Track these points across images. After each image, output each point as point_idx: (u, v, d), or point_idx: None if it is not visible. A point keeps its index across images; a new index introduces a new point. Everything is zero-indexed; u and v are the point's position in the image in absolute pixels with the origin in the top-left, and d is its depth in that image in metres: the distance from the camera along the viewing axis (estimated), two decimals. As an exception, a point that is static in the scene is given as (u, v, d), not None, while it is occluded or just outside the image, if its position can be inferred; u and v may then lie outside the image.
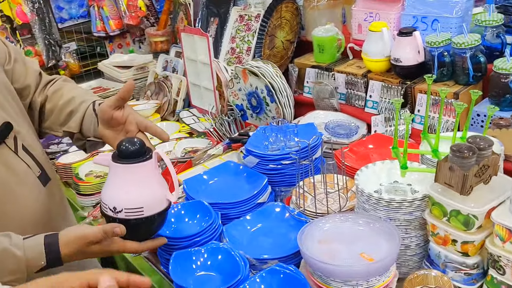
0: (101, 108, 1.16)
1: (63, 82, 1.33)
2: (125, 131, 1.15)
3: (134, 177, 0.99)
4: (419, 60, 1.61)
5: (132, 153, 0.99)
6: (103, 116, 1.15)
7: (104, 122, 1.16)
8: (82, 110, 1.22)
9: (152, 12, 2.98)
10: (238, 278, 1.04)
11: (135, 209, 0.98)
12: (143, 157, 0.99)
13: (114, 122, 1.15)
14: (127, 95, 1.14)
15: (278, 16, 2.11)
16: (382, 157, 1.37)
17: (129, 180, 0.99)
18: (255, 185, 1.36)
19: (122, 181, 0.99)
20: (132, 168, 0.99)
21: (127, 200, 0.98)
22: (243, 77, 1.97)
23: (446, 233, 1.05)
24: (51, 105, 1.27)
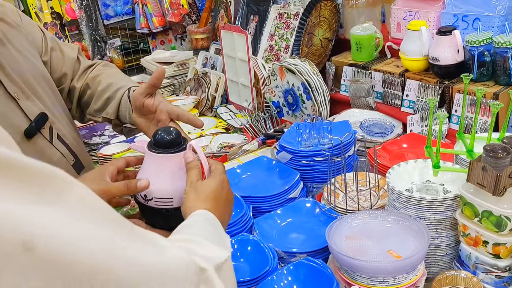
0: (133, 95, 1.17)
1: (102, 68, 1.35)
2: (157, 120, 1.15)
3: (166, 167, 0.98)
4: (458, 60, 1.59)
5: (166, 143, 0.98)
6: (135, 103, 1.15)
7: (136, 110, 1.16)
8: (118, 96, 1.23)
9: (194, 10, 3.04)
10: (267, 269, 1.07)
11: (165, 199, 0.98)
12: (177, 148, 0.99)
13: (146, 110, 1.15)
14: (157, 82, 1.13)
15: (317, 14, 2.12)
16: (416, 156, 1.36)
17: (161, 170, 0.98)
18: (287, 181, 1.38)
19: (154, 170, 0.99)
20: (165, 158, 0.98)
21: (157, 189, 0.98)
22: (280, 74, 1.99)
23: (478, 234, 1.04)
24: (91, 91, 1.30)
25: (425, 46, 1.65)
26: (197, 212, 0.82)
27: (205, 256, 0.67)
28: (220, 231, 0.81)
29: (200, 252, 0.67)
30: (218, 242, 0.74)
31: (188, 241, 0.71)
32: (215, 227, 0.81)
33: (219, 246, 0.73)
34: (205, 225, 0.79)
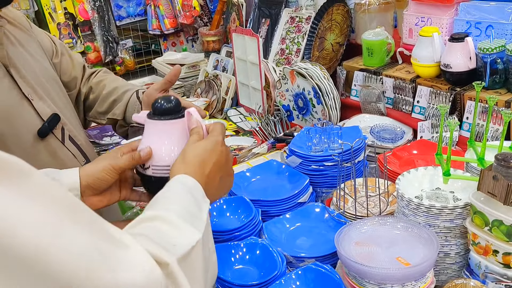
0: (147, 92, 1.21)
1: (104, 74, 1.43)
2: None
3: (163, 134, 0.94)
4: (470, 67, 1.58)
5: (164, 111, 0.94)
6: (148, 100, 1.19)
7: (148, 107, 1.16)
8: (125, 98, 1.31)
9: (206, 12, 3.06)
10: (275, 274, 1.07)
11: (161, 166, 0.94)
12: (174, 115, 0.94)
13: None
14: (174, 79, 1.18)
15: (329, 18, 2.12)
16: (426, 163, 1.35)
17: (158, 137, 0.94)
18: (297, 185, 1.38)
19: (151, 137, 0.95)
20: (162, 125, 0.94)
21: (154, 156, 0.94)
22: (291, 78, 2.00)
23: (487, 243, 1.04)
24: (95, 95, 1.37)
25: (437, 53, 1.65)
26: (177, 178, 0.80)
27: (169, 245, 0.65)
28: (199, 201, 0.78)
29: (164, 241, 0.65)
30: (191, 219, 0.72)
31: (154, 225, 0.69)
32: (194, 196, 0.78)
33: (191, 226, 0.71)
34: (182, 196, 0.76)
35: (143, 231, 0.68)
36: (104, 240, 0.55)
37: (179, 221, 0.70)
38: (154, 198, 0.76)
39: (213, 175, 0.85)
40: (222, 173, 0.89)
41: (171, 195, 0.77)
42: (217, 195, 0.90)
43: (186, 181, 0.80)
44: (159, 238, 0.66)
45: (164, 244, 0.65)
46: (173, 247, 0.65)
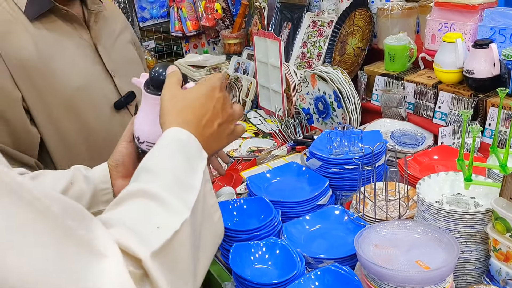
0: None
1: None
2: None
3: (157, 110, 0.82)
4: (494, 73, 1.57)
5: (160, 83, 0.84)
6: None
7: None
8: None
9: (228, 15, 3.09)
10: (294, 274, 1.08)
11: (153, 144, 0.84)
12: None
13: None
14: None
15: (351, 23, 2.13)
16: (447, 169, 1.35)
17: (152, 112, 0.85)
18: (317, 187, 1.39)
19: (146, 111, 0.88)
20: (156, 100, 0.84)
21: (149, 132, 0.88)
22: (312, 82, 2.01)
23: (509, 250, 1.03)
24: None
25: (460, 59, 1.64)
26: (168, 133, 0.70)
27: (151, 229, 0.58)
28: (193, 160, 0.69)
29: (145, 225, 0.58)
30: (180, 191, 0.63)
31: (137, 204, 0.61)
32: (187, 155, 0.69)
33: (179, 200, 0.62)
34: (172, 161, 0.67)
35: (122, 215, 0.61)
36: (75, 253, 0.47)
37: (165, 195, 0.62)
38: (141, 164, 0.68)
39: (210, 123, 0.75)
40: (220, 119, 0.78)
41: (160, 160, 0.68)
42: (216, 145, 0.78)
43: (179, 136, 0.70)
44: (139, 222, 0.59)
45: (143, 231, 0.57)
46: (156, 230, 0.58)
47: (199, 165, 0.69)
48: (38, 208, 0.44)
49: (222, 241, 1.27)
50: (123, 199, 0.63)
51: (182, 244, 0.60)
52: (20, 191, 0.44)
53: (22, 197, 0.43)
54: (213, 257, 0.71)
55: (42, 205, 0.45)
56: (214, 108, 0.77)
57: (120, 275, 0.49)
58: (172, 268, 0.57)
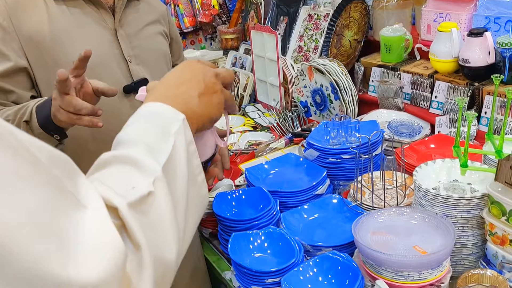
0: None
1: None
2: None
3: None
4: (489, 62, 1.58)
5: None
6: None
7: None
8: None
9: (224, 11, 3.09)
10: (293, 261, 1.09)
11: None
12: None
13: None
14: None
15: (347, 15, 2.14)
16: (444, 157, 1.36)
17: None
18: (314, 177, 1.40)
19: None
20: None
21: None
22: (309, 74, 2.02)
23: (505, 233, 1.04)
24: None
25: (455, 48, 1.65)
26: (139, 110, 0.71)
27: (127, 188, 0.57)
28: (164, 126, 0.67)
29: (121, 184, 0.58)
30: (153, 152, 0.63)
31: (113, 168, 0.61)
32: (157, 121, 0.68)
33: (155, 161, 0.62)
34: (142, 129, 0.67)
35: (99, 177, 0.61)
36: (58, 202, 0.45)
37: (138, 157, 0.62)
38: (116, 138, 0.68)
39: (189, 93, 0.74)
40: (200, 89, 0.76)
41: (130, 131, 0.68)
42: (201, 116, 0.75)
43: (149, 109, 0.70)
44: (115, 182, 0.59)
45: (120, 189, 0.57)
46: (132, 190, 0.58)
47: (172, 127, 0.68)
48: (23, 154, 0.43)
49: (221, 231, 1.29)
50: (97, 167, 0.63)
51: (159, 204, 0.59)
52: (8, 137, 0.42)
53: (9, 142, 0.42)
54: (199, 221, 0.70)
55: (28, 152, 0.43)
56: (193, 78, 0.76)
57: (103, 226, 0.49)
58: (151, 224, 0.57)
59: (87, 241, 0.46)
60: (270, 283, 1.09)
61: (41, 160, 0.44)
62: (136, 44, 1.41)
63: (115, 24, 1.37)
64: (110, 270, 0.46)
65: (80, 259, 0.44)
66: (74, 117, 1.07)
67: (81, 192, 0.49)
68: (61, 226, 0.44)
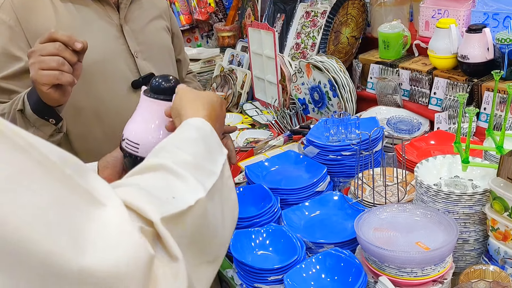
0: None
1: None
2: None
3: (145, 111, 0.95)
4: (488, 58, 1.58)
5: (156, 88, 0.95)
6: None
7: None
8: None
9: (221, 8, 3.08)
10: (295, 259, 1.09)
11: (132, 142, 0.94)
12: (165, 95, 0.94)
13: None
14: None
15: (344, 12, 2.13)
16: (443, 154, 1.36)
17: (140, 112, 0.96)
18: (315, 174, 1.40)
19: (138, 111, 0.98)
20: (147, 101, 0.95)
21: (129, 129, 0.96)
22: (307, 72, 2.01)
23: (507, 229, 1.04)
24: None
25: (454, 44, 1.65)
26: (193, 123, 0.72)
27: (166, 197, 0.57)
28: (213, 152, 0.70)
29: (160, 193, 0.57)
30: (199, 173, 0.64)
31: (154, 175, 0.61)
32: (208, 145, 0.70)
33: (197, 181, 0.62)
34: (194, 144, 0.68)
35: (138, 181, 0.61)
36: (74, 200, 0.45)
37: (184, 172, 0.62)
38: (162, 143, 0.69)
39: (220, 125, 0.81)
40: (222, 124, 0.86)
41: (182, 141, 0.68)
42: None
43: (202, 126, 0.72)
44: (155, 189, 0.58)
45: (157, 197, 0.57)
46: (172, 199, 0.57)
47: (220, 158, 0.70)
48: (34, 155, 0.43)
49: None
50: (140, 170, 0.63)
51: (196, 222, 0.59)
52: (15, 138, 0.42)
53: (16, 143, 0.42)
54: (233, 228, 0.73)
55: (39, 153, 0.43)
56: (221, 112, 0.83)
57: (120, 224, 0.48)
58: (185, 240, 0.57)
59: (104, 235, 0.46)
60: (273, 281, 1.08)
61: (52, 160, 0.44)
62: (142, 40, 1.42)
63: (121, 20, 1.38)
64: (129, 264, 0.46)
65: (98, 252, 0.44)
66: (57, 73, 1.02)
67: (96, 190, 0.49)
68: (77, 220, 0.44)
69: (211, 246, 0.63)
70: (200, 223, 0.60)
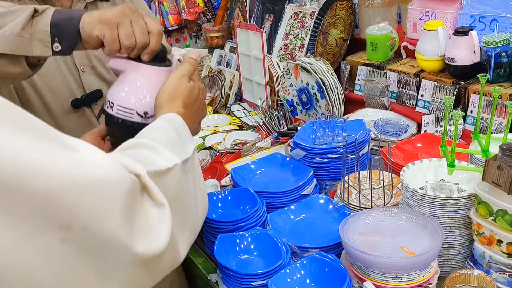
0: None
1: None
2: None
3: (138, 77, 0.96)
4: (475, 60, 1.58)
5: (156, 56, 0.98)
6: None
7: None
8: None
9: (209, 8, 3.06)
10: (280, 263, 1.08)
11: (126, 108, 0.96)
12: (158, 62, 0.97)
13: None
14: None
15: (333, 14, 2.13)
16: (430, 156, 1.35)
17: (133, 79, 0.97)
18: (301, 177, 1.39)
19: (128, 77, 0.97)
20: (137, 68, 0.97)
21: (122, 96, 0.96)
22: (295, 73, 2.00)
23: (492, 233, 1.04)
24: None
25: (441, 47, 1.65)
26: (165, 117, 0.83)
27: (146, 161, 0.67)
28: (185, 138, 0.81)
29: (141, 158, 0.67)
30: (173, 148, 0.74)
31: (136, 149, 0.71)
32: (180, 134, 0.81)
33: (173, 153, 0.72)
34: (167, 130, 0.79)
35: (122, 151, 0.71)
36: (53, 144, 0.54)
37: (161, 147, 0.72)
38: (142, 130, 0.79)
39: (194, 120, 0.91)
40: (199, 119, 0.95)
41: (156, 128, 0.79)
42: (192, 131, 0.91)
43: (174, 119, 0.83)
44: (137, 155, 0.68)
45: (139, 159, 0.65)
46: (152, 163, 0.66)
47: (190, 144, 0.80)
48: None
49: (207, 233, 1.26)
50: (121, 148, 0.72)
51: (173, 181, 0.68)
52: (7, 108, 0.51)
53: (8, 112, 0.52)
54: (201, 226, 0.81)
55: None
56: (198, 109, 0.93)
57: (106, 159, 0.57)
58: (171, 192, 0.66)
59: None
60: (257, 286, 1.07)
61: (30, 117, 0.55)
62: (93, 54, 1.25)
63: None
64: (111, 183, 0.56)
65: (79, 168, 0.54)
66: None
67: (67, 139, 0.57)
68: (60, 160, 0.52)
69: (189, 214, 0.71)
70: (178, 186, 0.69)
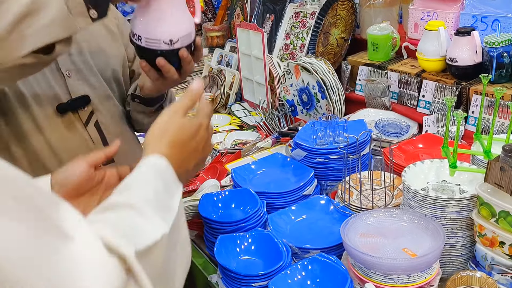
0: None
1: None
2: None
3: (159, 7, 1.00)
4: (476, 61, 1.58)
5: None
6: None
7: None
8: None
9: (210, 8, 3.05)
10: (280, 264, 1.07)
11: (152, 39, 1.01)
12: None
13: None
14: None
15: (334, 13, 2.12)
16: (431, 157, 1.34)
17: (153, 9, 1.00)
18: (302, 178, 1.38)
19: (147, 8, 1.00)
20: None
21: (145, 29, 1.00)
22: (295, 73, 1.99)
23: (494, 235, 1.03)
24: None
25: (443, 47, 1.64)
26: (148, 160, 0.74)
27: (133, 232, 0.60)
28: (170, 187, 0.72)
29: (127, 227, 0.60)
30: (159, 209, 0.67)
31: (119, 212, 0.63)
32: (165, 181, 0.72)
33: (159, 217, 0.65)
34: (152, 182, 0.70)
35: (107, 217, 0.62)
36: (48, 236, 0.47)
37: (149, 210, 0.65)
38: (119, 185, 0.70)
39: (188, 160, 0.80)
40: (197, 160, 0.83)
41: (141, 180, 0.71)
42: (184, 181, 0.82)
43: (159, 163, 0.74)
44: (122, 224, 0.61)
45: (126, 232, 0.59)
46: (138, 234, 0.60)
47: (176, 191, 0.73)
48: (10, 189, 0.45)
49: (208, 234, 1.26)
50: (107, 207, 0.65)
51: (161, 254, 0.62)
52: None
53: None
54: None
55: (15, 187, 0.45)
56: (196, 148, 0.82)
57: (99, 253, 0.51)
58: (152, 273, 0.59)
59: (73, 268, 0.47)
60: (258, 287, 1.07)
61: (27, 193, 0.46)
62: (79, 59, 1.21)
63: None
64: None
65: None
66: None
67: (64, 223, 0.49)
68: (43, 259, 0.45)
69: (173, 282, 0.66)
70: (164, 261, 0.63)
